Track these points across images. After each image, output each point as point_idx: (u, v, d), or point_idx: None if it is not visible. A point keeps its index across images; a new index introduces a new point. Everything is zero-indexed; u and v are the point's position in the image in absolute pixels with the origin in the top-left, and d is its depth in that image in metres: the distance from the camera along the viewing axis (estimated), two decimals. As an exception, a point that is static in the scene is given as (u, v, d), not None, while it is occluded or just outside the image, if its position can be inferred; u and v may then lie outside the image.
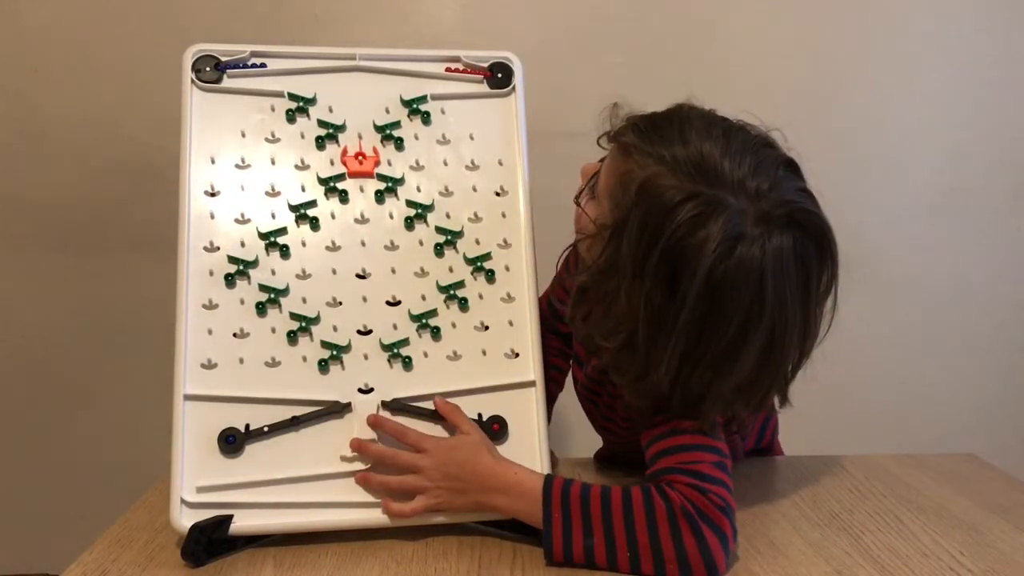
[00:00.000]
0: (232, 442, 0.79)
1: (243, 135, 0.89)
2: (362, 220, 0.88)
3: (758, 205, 0.69)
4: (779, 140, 0.76)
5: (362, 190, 0.89)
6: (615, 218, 0.73)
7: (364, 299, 0.86)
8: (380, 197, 0.90)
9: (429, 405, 0.83)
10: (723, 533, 0.71)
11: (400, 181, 0.90)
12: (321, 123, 0.91)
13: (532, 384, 0.85)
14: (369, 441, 0.80)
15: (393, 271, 0.87)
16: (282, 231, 0.87)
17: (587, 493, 0.74)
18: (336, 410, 0.82)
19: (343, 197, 0.89)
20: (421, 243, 0.89)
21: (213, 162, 0.87)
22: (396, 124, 0.92)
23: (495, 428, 0.83)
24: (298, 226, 0.87)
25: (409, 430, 0.81)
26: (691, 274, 0.68)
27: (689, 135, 0.72)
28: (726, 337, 0.70)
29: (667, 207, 0.69)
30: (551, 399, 1.05)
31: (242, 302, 0.84)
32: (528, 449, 0.83)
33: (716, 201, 0.69)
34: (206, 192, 0.86)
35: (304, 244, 0.87)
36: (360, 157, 0.90)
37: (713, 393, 0.73)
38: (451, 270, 0.88)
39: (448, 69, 0.95)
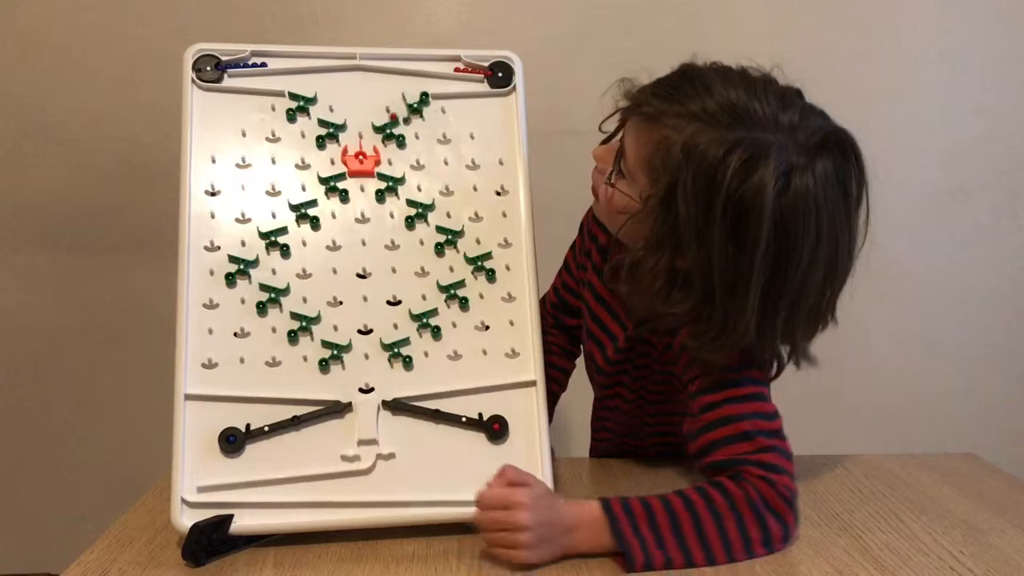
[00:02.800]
0: (233, 442, 0.79)
1: (244, 134, 0.89)
2: (363, 219, 0.88)
3: (795, 137, 0.72)
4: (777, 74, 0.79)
5: (362, 189, 0.89)
6: (662, 187, 0.73)
7: (365, 299, 0.86)
8: (380, 196, 0.90)
9: (430, 405, 0.83)
10: (786, 523, 0.76)
11: (401, 180, 0.90)
12: (322, 122, 0.91)
13: (532, 384, 0.85)
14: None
15: (394, 270, 0.87)
16: (282, 230, 0.87)
17: (649, 508, 0.74)
18: (337, 410, 0.82)
19: (343, 196, 0.89)
20: (422, 242, 0.89)
21: (214, 161, 0.87)
22: (396, 123, 0.92)
23: (495, 428, 0.83)
24: (299, 225, 0.87)
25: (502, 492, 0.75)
26: (757, 218, 0.70)
27: (712, 87, 0.74)
28: (799, 267, 0.72)
29: (716, 161, 0.71)
30: (553, 399, 1.05)
31: (243, 301, 0.84)
32: (528, 449, 0.83)
33: (761, 142, 0.71)
34: (207, 191, 0.86)
35: (304, 243, 0.87)
36: (360, 156, 0.90)
37: (791, 324, 0.76)
38: (452, 269, 0.88)
39: (457, 70, 0.95)
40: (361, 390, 0.83)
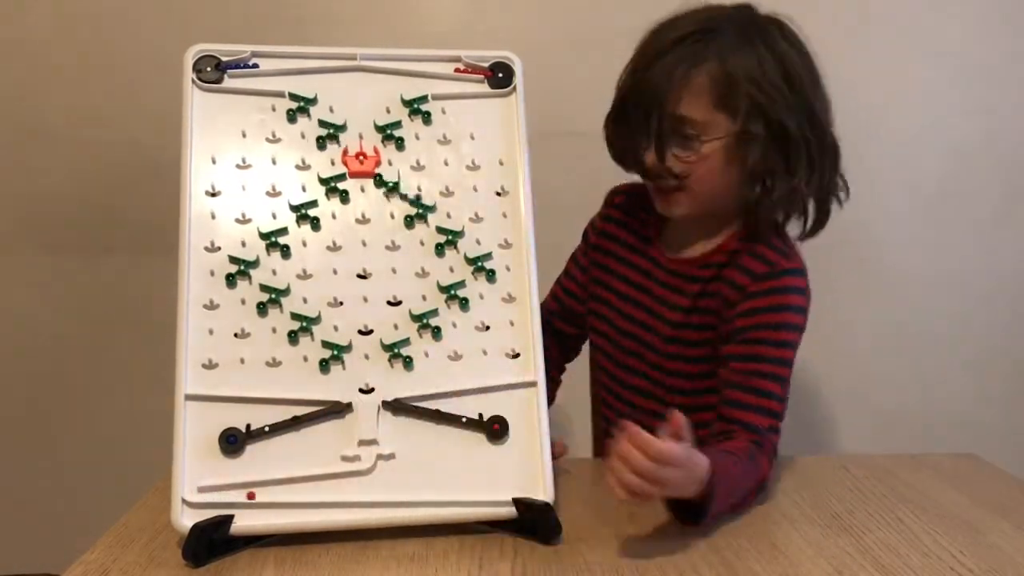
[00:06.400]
0: (233, 442, 0.79)
1: (244, 135, 0.89)
2: (363, 220, 0.88)
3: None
4: None
5: (363, 190, 0.89)
6: (754, 103, 0.89)
7: (365, 299, 0.86)
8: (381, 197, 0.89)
9: (430, 405, 0.83)
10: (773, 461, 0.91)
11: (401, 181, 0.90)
12: (322, 123, 0.91)
13: (533, 384, 0.85)
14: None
15: (394, 271, 0.87)
16: (283, 231, 0.87)
17: (730, 477, 0.81)
18: (337, 410, 0.82)
19: (344, 197, 0.89)
20: (422, 243, 0.89)
21: (214, 162, 0.87)
22: (397, 124, 0.92)
23: (495, 428, 0.83)
24: (299, 226, 0.87)
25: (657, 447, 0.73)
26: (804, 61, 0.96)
27: (682, 26, 0.93)
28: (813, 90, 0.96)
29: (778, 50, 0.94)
30: (549, 400, 1.05)
31: (243, 302, 0.84)
32: (528, 449, 0.83)
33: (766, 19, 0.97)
34: (207, 192, 0.86)
35: (305, 244, 0.87)
36: (361, 157, 0.90)
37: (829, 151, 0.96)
38: (452, 270, 0.88)
39: (457, 70, 0.95)
40: (361, 390, 0.83)
